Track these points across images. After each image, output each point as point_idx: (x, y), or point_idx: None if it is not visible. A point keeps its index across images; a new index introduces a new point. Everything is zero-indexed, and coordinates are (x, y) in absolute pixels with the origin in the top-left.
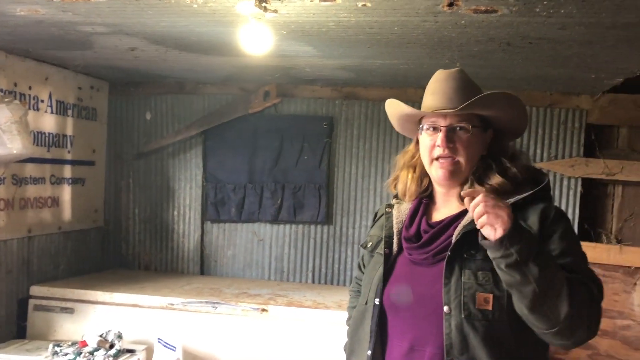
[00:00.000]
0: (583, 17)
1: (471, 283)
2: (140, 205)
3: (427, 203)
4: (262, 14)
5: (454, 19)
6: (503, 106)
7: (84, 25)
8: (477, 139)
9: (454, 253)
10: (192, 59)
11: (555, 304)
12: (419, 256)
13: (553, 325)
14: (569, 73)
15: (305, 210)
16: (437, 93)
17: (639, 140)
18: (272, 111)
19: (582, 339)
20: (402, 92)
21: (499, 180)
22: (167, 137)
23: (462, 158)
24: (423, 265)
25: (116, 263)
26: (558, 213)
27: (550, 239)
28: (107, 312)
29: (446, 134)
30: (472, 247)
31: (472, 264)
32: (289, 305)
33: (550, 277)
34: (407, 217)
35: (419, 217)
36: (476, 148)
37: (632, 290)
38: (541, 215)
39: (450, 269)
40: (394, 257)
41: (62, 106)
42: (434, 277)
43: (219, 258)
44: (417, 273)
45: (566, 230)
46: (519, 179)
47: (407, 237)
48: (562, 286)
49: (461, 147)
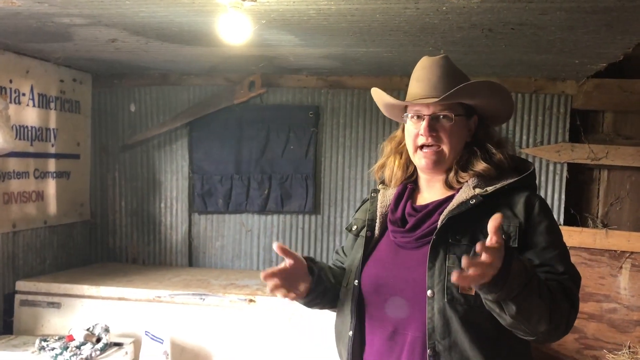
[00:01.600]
0: (563, 2)
1: (455, 268)
2: (126, 198)
3: (412, 188)
4: (240, 3)
5: (435, 5)
6: (487, 95)
7: (62, 16)
8: (461, 127)
9: (439, 238)
10: (174, 49)
11: (533, 325)
12: (402, 239)
13: (529, 335)
14: (553, 59)
15: (293, 200)
16: (422, 80)
17: (624, 125)
18: (257, 101)
19: (557, 339)
20: (387, 80)
21: (483, 166)
22: (152, 129)
23: (446, 146)
24: (407, 248)
25: (103, 256)
26: (542, 204)
27: (536, 231)
28: (94, 305)
29: (429, 122)
30: (457, 233)
31: (457, 249)
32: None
33: (529, 311)
34: (392, 201)
35: (404, 201)
36: (460, 136)
37: (618, 273)
38: (526, 204)
39: (434, 253)
40: (375, 240)
41: (45, 99)
42: (418, 260)
43: (207, 249)
44: (401, 256)
45: (551, 224)
46: (504, 166)
47: (393, 220)
48: (542, 313)
49: (444, 135)
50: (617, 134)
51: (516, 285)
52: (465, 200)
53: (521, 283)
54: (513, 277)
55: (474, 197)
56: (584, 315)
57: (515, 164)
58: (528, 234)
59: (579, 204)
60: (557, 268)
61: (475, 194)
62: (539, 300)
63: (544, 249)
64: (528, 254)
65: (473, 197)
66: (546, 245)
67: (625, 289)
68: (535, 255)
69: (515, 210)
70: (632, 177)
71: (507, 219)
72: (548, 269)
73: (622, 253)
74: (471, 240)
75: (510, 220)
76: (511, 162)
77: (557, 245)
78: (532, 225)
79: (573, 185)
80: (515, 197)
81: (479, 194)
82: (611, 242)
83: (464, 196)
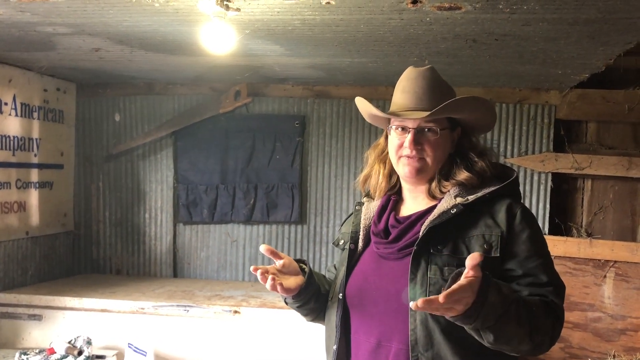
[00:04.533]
0: (545, 14)
1: (437, 278)
2: (110, 208)
3: (396, 200)
4: (224, 13)
5: (419, 16)
6: (472, 109)
7: (44, 25)
8: (446, 139)
9: (420, 248)
10: (159, 59)
11: (514, 347)
12: (384, 250)
13: (513, 353)
14: (536, 69)
15: (279, 210)
16: (407, 92)
17: (607, 135)
18: (243, 111)
19: (542, 353)
20: (373, 89)
21: (465, 175)
22: (137, 139)
23: (430, 158)
24: (389, 259)
25: (87, 268)
26: (524, 212)
27: (518, 240)
28: (77, 317)
29: (414, 135)
30: (439, 243)
31: (439, 259)
32: (262, 307)
33: (507, 337)
34: (376, 213)
35: (387, 213)
36: (444, 148)
37: (602, 282)
38: (508, 213)
39: (416, 264)
40: (359, 253)
41: (27, 109)
42: (400, 272)
43: (192, 260)
44: (384, 268)
45: (534, 232)
46: (487, 174)
47: (376, 232)
48: (522, 336)
49: (429, 148)
50: (600, 144)
51: (492, 316)
52: (446, 210)
53: (497, 314)
54: (488, 309)
55: (455, 206)
56: (569, 324)
57: (497, 172)
58: (510, 243)
59: (563, 213)
60: (541, 278)
61: (457, 203)
62: (517, 326)
63: (526, 258)
64: (510, 264)
65: (454, 206)
66: (529, 255)
67: (610, 298)
68: (518, 264)
69: (497, 218)
70: (616, 186)
71: (489, 228)
72: (531, 280)
73: (606, 262)
74: (453, 250)
75: (491, 230)
76: (494, 170)
77: (540, 254)
78: (514, 234)
79: (557, 195)
80: (497, 206)
81: (460, 203)
82: (595, 251)
83: (445, 205)
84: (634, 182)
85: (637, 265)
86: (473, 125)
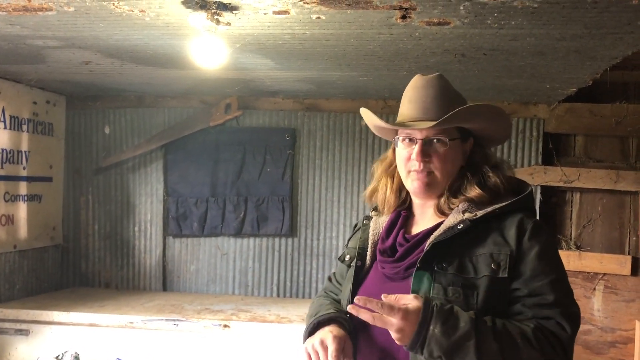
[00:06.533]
0: (533, 29)
1: (440, 298)
2: (99, 221)
3: (407, 215)
4: (214, 27)
5: (409, 31)
6: (484, 118)
7: (34, 38)
8: (456, 151)
9: (424, 265)
10: (149, 72)
11: None
12: (390, 270)
13: None
14: (525, 83)
15: (269, 223)
16: (414, 102)
17: (595, 148)
18: (233, 124)
19: None
20: (363, 103)
21: (476, 192)
22: (127, 152)
23: (439, 171)
24: (394, 280)
25: (75, 281)
26: (535, 228)
27: (526, 258)
28: (64, 332)
29: (422, 147)
30: (444, 260)
31: (443, 278)
32: (252, 321)
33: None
34: (384, 229)
35: (397, 230)
36: (455, 160)
37: (591, 295)
38: (518, 229)
39: (418, 282)
40: (366, 270)
41: (17, 121)
42: (405, 292)
43: (181, 274)
44: (388, 288)
45: (544, 249)
46: (499, 190)
47: (382, 249)
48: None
49: (437, 160)
50: (589, 157)
51: (437, 348)
52: (453, 226)
53: (443, 347)
54: (432, 341)
55: (462, 221)
56: None
57: (512, 187)
58: (518, 262)
59: (552, 226)
60: (547, 298)
61: (464, 218)
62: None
63: (532, 277)
64: (516, 283)
65: (461, 221)
66: (535, 273)
67: (599, 311)
68: (524, 284)
69: (506, 236)
70: (604, 199)
71: (498, 246)
72: (537, 300)
73: (595, 275)
74: (458, 268)
75: (500, 248)
76: (507, 184)
77: (548, 272)
78: (523, 251)
79: (546, 208)
80: (507, 222)
81: (468, 219)
82: (584, 264)
83: (452, 221)
84: (621, 195)
85: (626, 278)
86: (487, 136)
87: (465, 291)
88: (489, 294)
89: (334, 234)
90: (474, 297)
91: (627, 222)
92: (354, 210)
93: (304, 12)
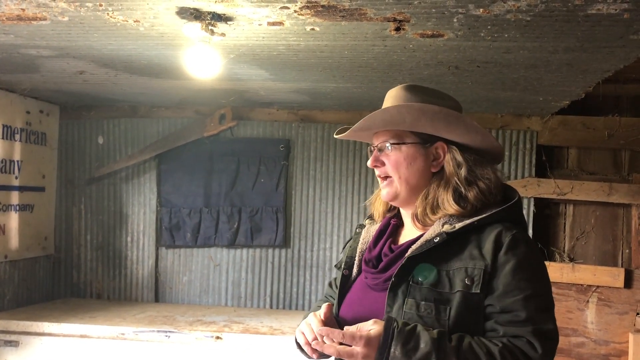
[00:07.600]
0: (526, 42)
1: (412, 313)
2: (92, 231)
3: (397, 225)
4: (209, 37)
5: (402, 43)
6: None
7: (28, 48)
8: (413, 156)
9: (399, 279)
10: (143, 82)
11: None
12: (372, 281)
13: None
14: (518, 96)
15: (263, 233)
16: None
17: (588, 161)
18: (228, 134)
19: None
20: (357, 114)
21: (454, 209)
22: (120, 162)
23: (395, 177)
24: (376, 290)
25: (67, 292)
26: (513, 241)
27: (500, 273)
28: (55, 344)
29: (375, 153)
30: (419, 274)
31: (418, 292)
32: (244, 332)
33: None
34: (373, 238)
35: (384, 240)
36: (412, 165)
37: (585, 307)
38: (495, 243)
39: (393, 296)
40: (353, 279)
41: (9, 131)
42: (382, 304)
43: (174, 285)
44: (369, 298)
45: (520, 262)
46: (478, 204)
47: (368, 259)
48: None
49: (390, 164)
50: (582, 170)
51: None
52: (430, 239)
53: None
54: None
55: (439, 234)
56: None
57: (499, 196)
58: (492, 277)
59: (545, 238)
60: (519, 315)
61: (441, 231)
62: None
63: (506, 293)
64: (489, 299)
65: (438, 234)
66: (509, 289)
67: (592, 323)
68: (497, 300)
69: (483, 249)
70: (597, 211)
71: (473, 260)
72: (509, 317)
73: (588, 287)
74: (434, 283)
75: (475, 262)
76: (489, 196)
77: (524, 288)
78: (498, 266)
79: (540, 220)
80: (485, 234)
81: (445, 232)
82: (578, 276)
83: (431, 233)
84: (614, 208)
85: (619, 290)
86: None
87: (437, 306)
88: (462, 309)
89: (327, 245)
90: (447, 312)
91: (620, 235)
92: (347, 222)
93: (298, 23)
